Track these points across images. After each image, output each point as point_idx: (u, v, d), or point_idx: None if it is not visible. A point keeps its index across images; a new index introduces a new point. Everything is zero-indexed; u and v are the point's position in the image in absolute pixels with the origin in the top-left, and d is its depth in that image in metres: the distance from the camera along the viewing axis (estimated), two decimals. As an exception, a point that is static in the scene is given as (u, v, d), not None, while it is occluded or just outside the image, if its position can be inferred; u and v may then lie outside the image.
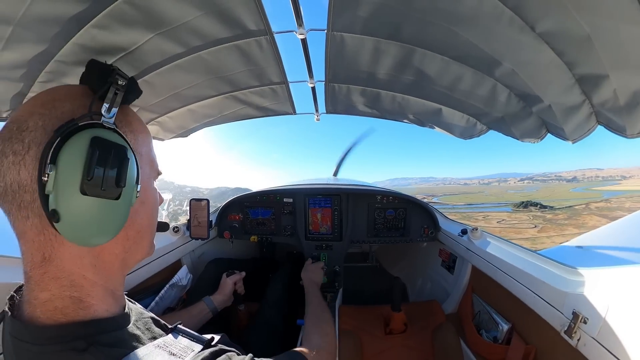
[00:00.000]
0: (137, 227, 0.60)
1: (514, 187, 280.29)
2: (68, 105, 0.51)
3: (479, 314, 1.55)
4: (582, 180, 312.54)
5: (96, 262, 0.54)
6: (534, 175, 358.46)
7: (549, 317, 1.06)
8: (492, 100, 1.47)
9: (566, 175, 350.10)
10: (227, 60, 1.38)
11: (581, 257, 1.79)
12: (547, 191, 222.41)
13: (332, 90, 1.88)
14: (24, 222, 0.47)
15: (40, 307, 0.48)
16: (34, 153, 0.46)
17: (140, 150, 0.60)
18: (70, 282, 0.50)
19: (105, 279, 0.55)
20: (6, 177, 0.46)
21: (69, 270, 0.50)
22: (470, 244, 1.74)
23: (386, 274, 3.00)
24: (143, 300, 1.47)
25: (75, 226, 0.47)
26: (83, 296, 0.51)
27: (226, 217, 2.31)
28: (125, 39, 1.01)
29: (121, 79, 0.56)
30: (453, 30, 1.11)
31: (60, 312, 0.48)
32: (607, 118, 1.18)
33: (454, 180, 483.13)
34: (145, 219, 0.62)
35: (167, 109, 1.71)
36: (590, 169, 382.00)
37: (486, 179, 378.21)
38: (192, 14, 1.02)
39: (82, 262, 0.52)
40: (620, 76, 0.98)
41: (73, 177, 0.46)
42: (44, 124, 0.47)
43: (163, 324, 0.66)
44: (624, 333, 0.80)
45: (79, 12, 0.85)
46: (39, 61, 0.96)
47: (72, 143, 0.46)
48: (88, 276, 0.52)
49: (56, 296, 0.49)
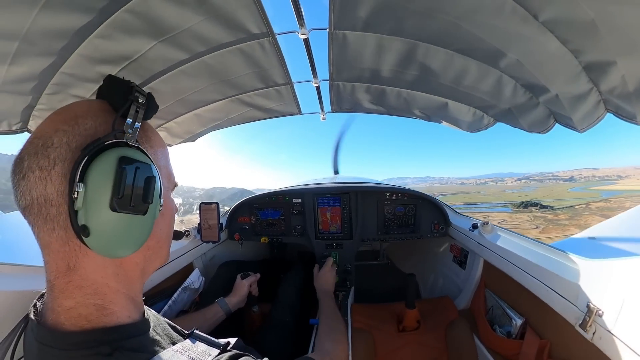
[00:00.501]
0: (157, 237, 0.62)
1: (512, 187, 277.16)
2: (90, 122, 0.52)
3: (492, 309, 1.53)
4: (579, 180, 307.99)
5: (119, 271, 0.56)
6: (531, 175, 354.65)
7: (563, 311, 1.04)
8: (498, 92, 1.45)
9: (563, 175, 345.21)
10: (230, 63, 1.39)
11: (593, 249, 1.76)
12: (545, 191, 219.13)
13: (337, 88, 1.88)
14: (49, 234, 0.49)
15: (65, 314, 0.50)
16: (60, 169, 0.48)
17: (159, 164, 0.61)
18: (94, 290, 0.52)
19: (127, 287, 0.57)
20: (32, 191, 0.47)
21: (93, 279, 0.52)
22: (481, 239, 1.72)
23: (397, 271, 2.99)
24: (156, 304, 1.50)
25: (104, 240, 0.49)
26: (106, 303, 0.53)
27: (236, 219, 2.33)
28: (129, 47, 1.03)
29: (141, 96, 0.58)
30: (455, 23, 1.09)
31: (85, 318, 0.50)
32: (616, 105, 1.15)
33: (450, 179, 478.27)
34: (164, 229, 0.65)
35: (174, 114, 1.73)
36: (586, 168, 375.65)
37: (483, 179, 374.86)
38: (193, 20, 1.03)
39: (106, 272, 0.54)
40: (628, 62, 0.95)
41: (103, 194, 0.48)
42: (68, 141, 0.49)
43: (179, 329, 0.69)
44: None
45: (81, 23, 0.86)
46: (45, 74, 0.99)
47: (100, 162, 0.48)
48: (111, 284, 0.54)
49: (80, 304, 0.51)
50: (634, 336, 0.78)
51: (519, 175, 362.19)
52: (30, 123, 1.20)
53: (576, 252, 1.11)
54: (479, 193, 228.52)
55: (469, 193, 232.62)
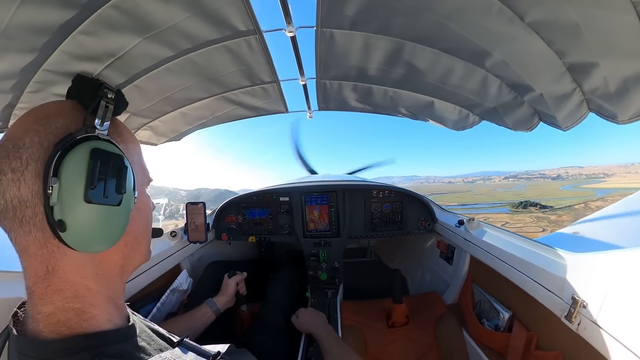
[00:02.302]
0: (134, 232, 0.61)
1: (501, 185, 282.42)
2: (61, 120, 0.52)
3: (479, 303, 1.57)
4: (567, 178, 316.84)
5: (98, 270, 0.55)
6: (517, 173, 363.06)
7: (548, 304, 1.08)
8: (484, 91, 1.48)
9: (549, 173, 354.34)
10: (217, 61, 1.37)
11: (577, 243, 1.82)
12: (536, 189, 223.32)
13: (324, 87, 1.88)
14: (26, 237, 0.48)
15: (44, 321, 0.49)
16: (33, 168, 0.47)
17: (132, 159, 0.62)
18: (74, 292, 0.51)
19: (107, 287, 0.57)
20: (6, 195, 0.47)
21: (72, 280, 0.52)
22: (467, 234, 1.75)
23: (385, 267, 3.02)
24: (144, 307, 1.47)
25: (81, 233, 0.49)
26: (85, 307, 0.52)
27: (223, 219, 2.31)
28: (114, 44, 1.00)
29: (110, 92, 0.59)
30: (442, 22, 1.11)
31: (64, 324, 0.49)
32: (598, 105, 1.19)
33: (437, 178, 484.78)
34: (141, 224, 0.64)
35: (159, 113, 1.69)
36: (572, 167, 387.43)
37: (470, 177, 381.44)
38: (179, 16, 1.01)
39: (85, 272, 0.53)
40: (610, 63, 0.98)
41: (77, 187, 0.48)
42: (39, 140, 0.49)
43: (168, 336, 0.66)
44: (622, 316, 0.81)
45: (65, 19, 0.83)
46: (27, 71, 0.94)
47: (72, 155, 0.49)
48: (91, 286, 0.54)
49: (59, 308, 0.50)
50: (616, 326, 0.82)
51: (505, 174, 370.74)
52: (11, 122, 1.14)
53: (560, 247, 1.15)
54: (470, 192, 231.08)
55: (460, 192, 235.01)
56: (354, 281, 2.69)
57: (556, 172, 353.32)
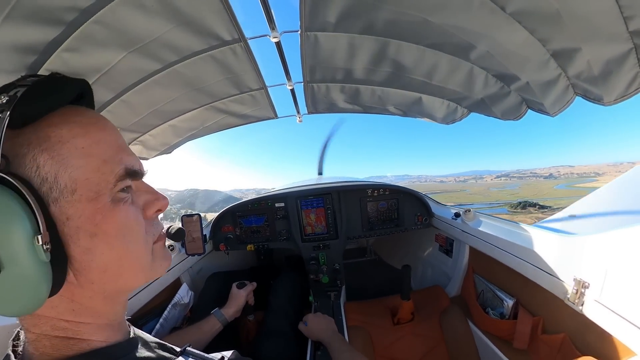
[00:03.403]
0: (99, 266, 0.46)
1: (493, 184, 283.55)
2: None
3: (482, 293, 1.58)
4: (559, 177, 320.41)
5: (73, 306, 0.47)
6: (509, 172, 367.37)
7: (551, 287, 1.09)
8: (470, 84, 1.49)
9: (540, 172, 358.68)
10: (203, 71, 1.36)
11: (575, 226, 1.84)
12: (530, 188, 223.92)
13: (312, 90, 1.88)
14: None
15: (32, 345, 0.46)
16: None
17: (69, 163, 0.43)
18: (51, 326, 0.46)
19: (92, 317, 0.49)
20: None
21: (46, 316, 0.45)
22: (464, 226, 1.76)
23: (386, 265, 3.02)
24: (147, 324, 1.45)
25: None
26: (69, 335, 0.47)
27: (220, 229, 2.29)
28: (98, 60, 1.00)
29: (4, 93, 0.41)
30: (425, 18, 1.12)
31: (50, 348, 0.45)
32: (583, 89, 1.21)
33: (429, 177, 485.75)
34: (107, 253, 0.46)
35: (148, 127, 1.68)
36: (562, 166, 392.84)
37: (461, 176, 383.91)
38: (163, 29, 1.00)
39: (57, 311, 0.46)
40: (592, 47, 1.00)
41: None
42: None
43: (170, 347, 0.63)
44: (624, 292, 0.83)
45: (48, 37, 0.83)
46: None
47: None
48: (69, 319, 0.47)
49: (42, 336, 0.46)
50: (619, 303, 0.84)
51: (497, 173, 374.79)
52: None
53: (557, 231, 1.16)
54: (464, 192, 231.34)
55: (453, 192, 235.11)
56: (355, 281, 2.68)
57: (547, 171, 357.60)
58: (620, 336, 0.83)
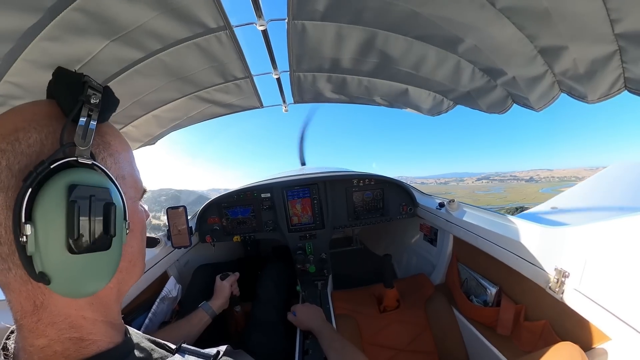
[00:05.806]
0: (128, 257, 0.54)
1: (477, 187, 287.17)
2: (34, 135, 0.42)
3: (466, 281, 1.62)
4: (539, 181, 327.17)
5: (92, 300, 0.49)
6: (488, 175, 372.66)
7: (533, 276, 1.13)
8: (457, 77, 1.51)
9: (520, 175, 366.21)
10: (187, 59, 1.33)
11: (556, 217, 1.91)
12: (517, 192, 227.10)
13: (298, 79, 1.86)
14: (6, 275, 0.42)
15: (39, 354, 0.44)
16: (3, 200, 0.39)
17: (122, 173, 0.52)
18: (69, 324, 0.46)
19: (104, 314, 0.52)
20: None
21: (66, 313, 0.46)
22: (449, 216, 1.80)
23: (372, 254, 3.07)
24: (136, 319, 1.43)
25: (69, 284, 0.42)
26: (84, 335, 0.47)
27: (205, 221, 2.26)
28: (79, 49, 0.95)
29: (95, 94, 0.46)
30: (414, 10, 1.11)
31: (61, 355, 0.45)
32: (569, 86, 1.24)
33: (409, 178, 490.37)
34: (135, 246, 0.56)
35: (131, 117, 1.63)
36: (542, 169, 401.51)
37: (442, 178, 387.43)
38: (146, 16, 0.96)
39: (79, 304, 0.47)
40: (578, 46, 1.02)
41: (57, 236, 0.39)
42: (8, 164, 0.40)
43: (163, 344, 0.64)
44: (601, 282, 0.87)
45: (26, 25, 0.78)
46: None
47: (46, 195, 0.39)
48: (87, 315, 0.48)
49: (55, 341, 0.45)
50: (596, 291, 0.88)
51: (477, 175, 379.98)
52: None
53: (539, 222, 1.20)
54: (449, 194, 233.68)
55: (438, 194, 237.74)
56: (342, 270, 2.72)
57: (527, 174, 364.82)
58: (598, 322, 0.87)
